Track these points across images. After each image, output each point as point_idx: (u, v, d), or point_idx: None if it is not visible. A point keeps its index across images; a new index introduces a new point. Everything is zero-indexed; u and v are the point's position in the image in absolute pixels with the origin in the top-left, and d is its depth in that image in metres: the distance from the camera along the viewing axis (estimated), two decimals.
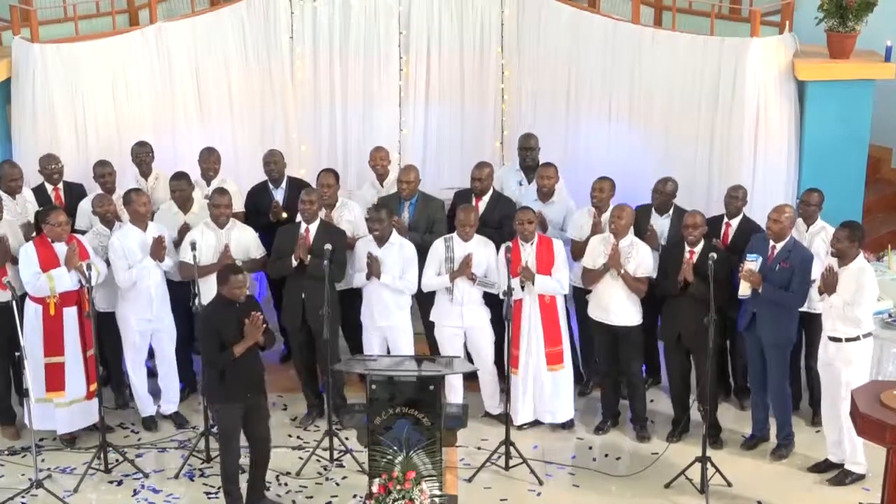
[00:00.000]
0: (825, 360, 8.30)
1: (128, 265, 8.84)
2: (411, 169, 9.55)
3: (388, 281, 8.91)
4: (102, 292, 8.99)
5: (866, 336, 8.17)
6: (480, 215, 9.35)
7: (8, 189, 9.25)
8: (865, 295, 8.04)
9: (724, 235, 9.04)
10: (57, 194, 9.53)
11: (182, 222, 9.33)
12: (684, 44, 10.06)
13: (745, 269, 8.39)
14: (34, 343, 8.61)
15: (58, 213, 8.66)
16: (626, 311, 8.83)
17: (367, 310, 9.10)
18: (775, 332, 8.51)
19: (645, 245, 8.88)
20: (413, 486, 7.32)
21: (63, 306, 8.63)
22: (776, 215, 8.48)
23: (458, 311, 8.99)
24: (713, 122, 9.94)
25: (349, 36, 11.00)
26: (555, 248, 8.92)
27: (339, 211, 9.41)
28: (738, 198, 9.03)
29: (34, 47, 9.70)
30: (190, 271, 8.81)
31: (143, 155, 9.74)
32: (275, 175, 9.76)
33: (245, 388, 7.82)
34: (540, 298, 8.90)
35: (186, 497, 8.36)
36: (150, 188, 9.70)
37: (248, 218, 9.67)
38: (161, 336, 9.12)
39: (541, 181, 9.50)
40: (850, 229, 8.08)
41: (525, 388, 9.05)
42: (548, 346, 8.96)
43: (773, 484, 8.48)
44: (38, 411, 8.63)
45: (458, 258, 8.90)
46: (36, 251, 8.57)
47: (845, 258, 8.10)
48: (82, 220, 9.38)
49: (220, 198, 9.03)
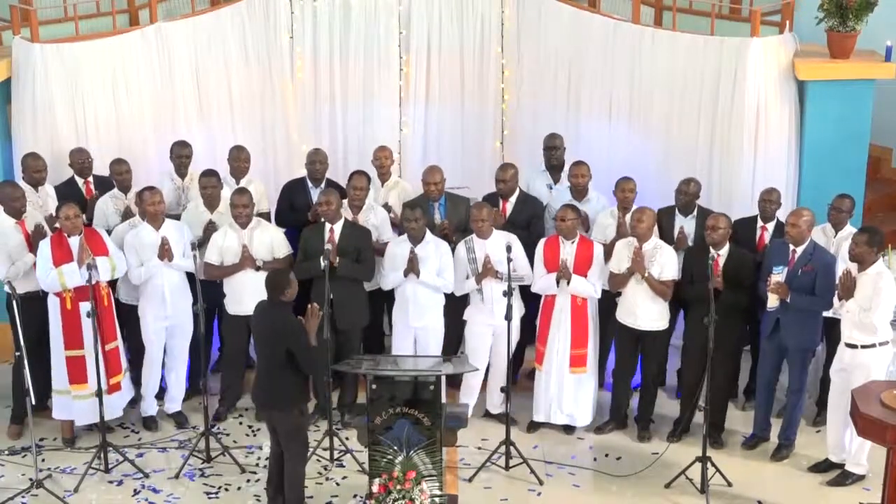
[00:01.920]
0: (840, 366, 8.25)
1: (139, 263, 8.88)
2: (437, 170, 9.53)
3: (428, 278, 8.88)
4: (127, 286, 9.12)
5: (883, 344, 8.09)
6: (508, 216, 9.39)
7: (31, 180, 9.32)
8: (882, 300, 7.95)
9: (759, 239, 9.03)
10: (88, 187, 9.61)
11: (207, 220, 9.34)
12: (684, 44, 10.06)
13: (773, 283, 8.35)
14: (56, 336, 8.72)
15: (68, 207, 8.70)
16: (653, 315, 8.80)
17: (402, 310, 9.06)
18: (800, 338, 8.48)
19: (669, 248, 8.84)
20: (413, 486, 7.33)
21: (78, 300, 8.66)
22: (794, 219, 8.43)
23: (490, 309, 8.97)
24: (713, 122, 9.94)
25: (349, 36, 10.99)
26: (595, 251, 8.89)
27: (365, 214, 9.39)
28: (773, 201, 8.99)
29: (34, 47, 9.70)
30: (211, 272, 8.88)
31: (184, 157, 9.77)
32: (318, 174, 9.75)
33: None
34: (572, 299, 8.89)
35: (186, 497, 8.36)
36: (186, 187, 9.74)
37: (280, 213, 9.69)
38: (175, 333, 9.14)
39: (574, 179, 9.51)
40: (870, 234, 8.02)
41: (548, 387, 9.05)
42: (574, 347, 8.94)
43: (773, 484, 8.48)
44: (58, 403, 8.80)
45: (480, 258, 8.90)
46: (50, 246, 8.63)
47: (864, 263, 8.03)
48: (99, 218, 9.41)
49: (239, 198, 9.01)
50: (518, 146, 11.09)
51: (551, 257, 8.86)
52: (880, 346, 8.08)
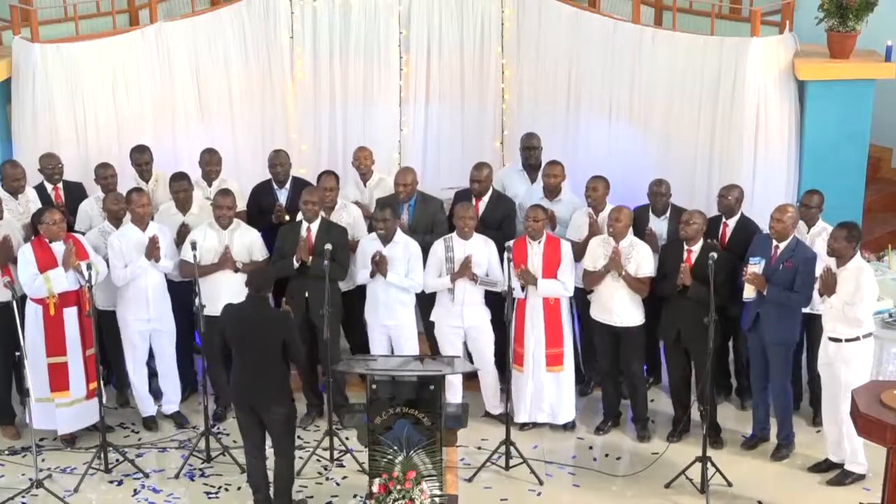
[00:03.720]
0: (825, 360, 8.29)
1: (124, 264, 8.85)
2: (408, 171, 9.53)
3: (395, 279, 8.90)
4: (103, 290, 9.02)
5: (866, 336, 8.16)
6: (481, 216, 9.35)
7: (10, 189, 9.25)
8: (864, 295, 8.02)
9: (721, 235, 9.05)
10: (56, 193, 9.52)
11: (180, 223, 9.32)
12: (684, 44, 10.05)
13: (749, 273, 8.38)
14: (36, 343, 8.63)
15: (52, 212, 8.66)
16: (629, 311, 8.83)
17: (373, 308, 9.09)
18: (779, 332, 8.50)
19: (645, 245, 8.88)
20: (413, 486, 7.32)
21: (63, 306, 8.63)
22: (779, 215, 8.48)
23: (459, 311, 8.99)
24: (713, 122, 9.94)
25: (349, 36, 10.99)
26: (562, 249, 8.91)
27: (337, 213, 9.40)
28: (726, 196, 8.99)
29: (34, 47, 9.70)
30: (190, 270, 8.81)
31: (143, 163, 9.70)
32: (281, 176, 9.74)
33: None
34: (544, 300, 8.90)
35: (186, 497, 8.37)
36: (151, 190, 9.69)
37: (250, 217, 9.68)
38: (160, 336, 9.12)
39: (547, 179, 9.49)
40: (848, 230, 8.07)
41: (528, 387, 9.05)
42: (548, 347, 8.96)
43: (773, 484, 8.48)
44: (40, 411, 8.66)
45: (459, 258, 8.90)
46: (33, 252, 8.57)
47: (843, 259, 8.09)
48: (83, 221, 9.38)
49: (223, 199, 9.02)
50: (518, 146, 11.07)
51: (519, 259, 8.85)
52: (864, 339, 8.14)
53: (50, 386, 8.70)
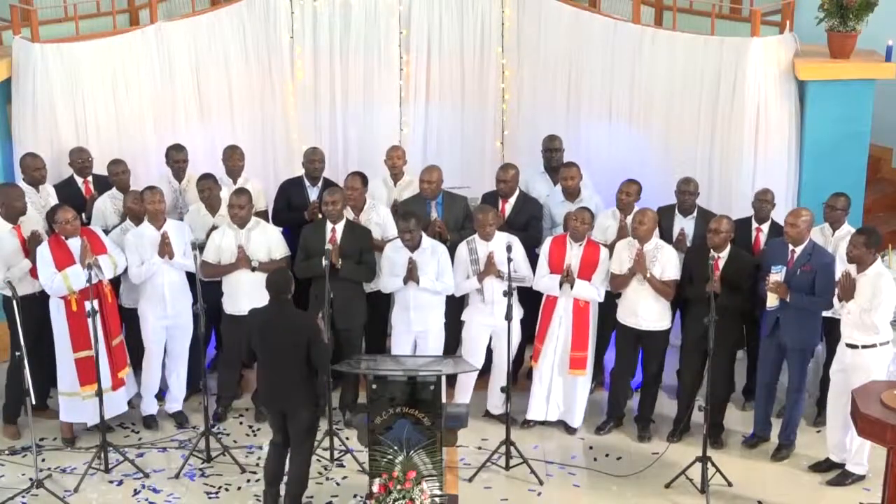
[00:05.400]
0: (840, 366, 8.24)
1: (140, 261, 8.88)
2: (434, 169, 9.53)
3: (428, 284, 8.87)
4: (126, 289, 9.12)
5: (883, 344, 8.08)
6: (507, 217, 9.39)
7: (31, 179, 9.32)
8: (882, 300, 7.94)
9: (755, 240, 9.04)
10: (87, 186, 9.62)
11: (210, 224, 9.34)
12: (684, 44, 10.05)
13: (772, 282, 8.35)
14: (62, 339, 8.69)
15: (65, 210, 8.69)
16: (655, 314, 8.80)
17: (403, 314, 9.03)
18: (800, 337, 8.48)
19: (670, 248, 8.85)
20: (413, 486, 7.33)
21: (83, 300, 8.62)
22: (792, 219, 8.43)
23: (490, 310, 8.97)
24: (713, 121, 9.94)
25: (349, 36, 10.98)
26: (601, 255, 8.89)
27: (366, 213, 9.38)
28: (768, 201, 9.00)
29: (34, 47, 9.70)
30: (210, 271, 8.88)
31: (181, 161, 9.77)
32: (316, 174, 9.77)
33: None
34: (574, 301, 8.90)
35: (186, 497, 8.37)
36: (183, 190, 9.76)
37: (277, 212, 9.70)
38: (176, 333, 9.14)
39: (565, 182, 9.52)
40: (867, 235, 8.01)
41: (541, 384, 9.06)
42: (574, 349, 8.94)
43: (773, 484, 8.49)
44: (68, 405, 8.80)
45: (483, 258, 8.90)
46: (51, 251, 8.61)
47: (862, 264, 8.03)
48: (97, 219, 9.41)
49: (236, 198, 9.00)
50: (518, 146, 11.09)
51: (557, 257, 8.87)
52: (881, 346, 8.08)
53: (79, 380, 8.73)
